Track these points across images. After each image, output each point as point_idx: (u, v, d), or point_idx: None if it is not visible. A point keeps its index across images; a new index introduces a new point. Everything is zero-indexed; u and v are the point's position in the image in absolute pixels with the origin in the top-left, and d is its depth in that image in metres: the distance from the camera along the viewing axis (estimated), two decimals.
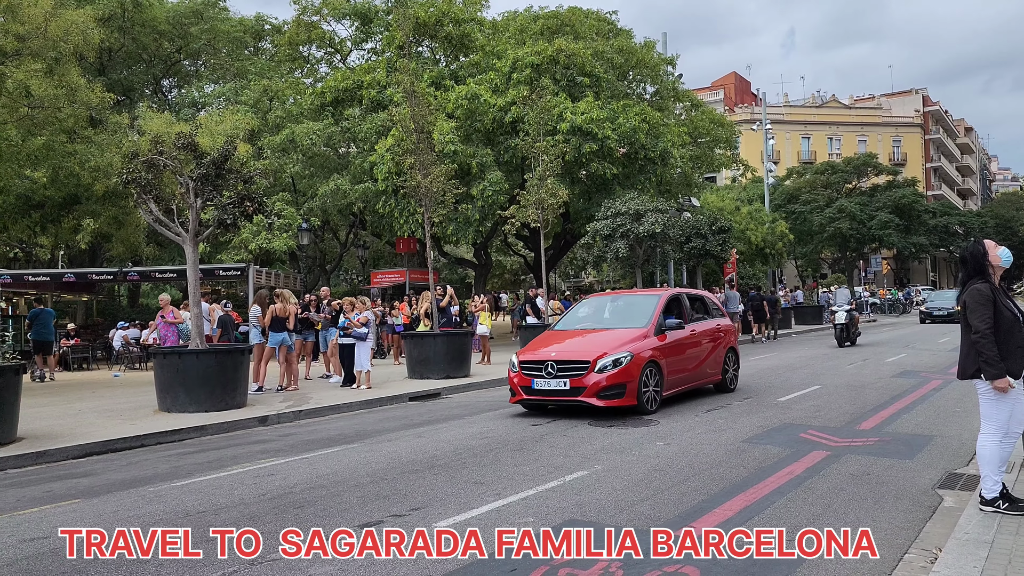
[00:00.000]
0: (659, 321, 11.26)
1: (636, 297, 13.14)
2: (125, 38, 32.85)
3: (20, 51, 16.17)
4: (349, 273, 44.41)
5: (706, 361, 12.14)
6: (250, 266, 24.75)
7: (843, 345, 21.59)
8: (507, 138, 24.15)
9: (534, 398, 10.75)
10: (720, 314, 13.49)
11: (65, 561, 5.01)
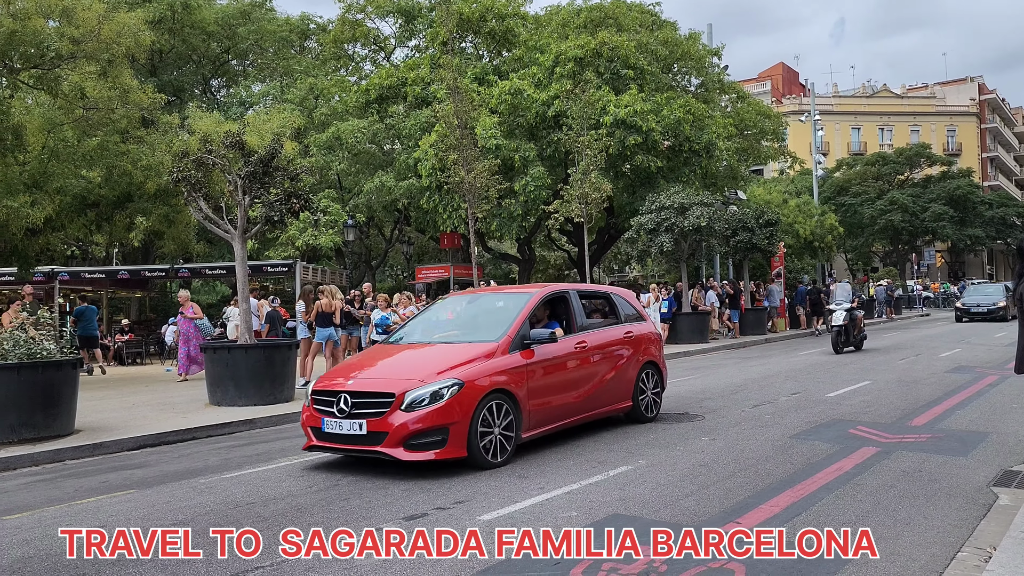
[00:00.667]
0: (521, 331, 7.91)
1: (499, 297, 9.65)
2: (175, 40, 33.55)
3: (75, 54, 16.60)
4: (394, 269, 44.78)
5: (605, 383, 8.81)
6: (297, 262, 25.12)
7: (840, 351, 18.13)
8: (550, 132, 24.09)
9: (325, 444, 7.45)
10: (635, 317, 9.95)
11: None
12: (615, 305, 9.85)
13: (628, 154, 23.44)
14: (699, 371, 15.75)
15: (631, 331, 9.54)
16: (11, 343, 9.63)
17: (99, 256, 35.71)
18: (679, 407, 10.69)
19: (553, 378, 8.15)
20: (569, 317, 8.91)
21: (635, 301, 10.47)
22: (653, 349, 9.92)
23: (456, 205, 23.18)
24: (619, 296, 10.16)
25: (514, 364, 7.69)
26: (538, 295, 8.74)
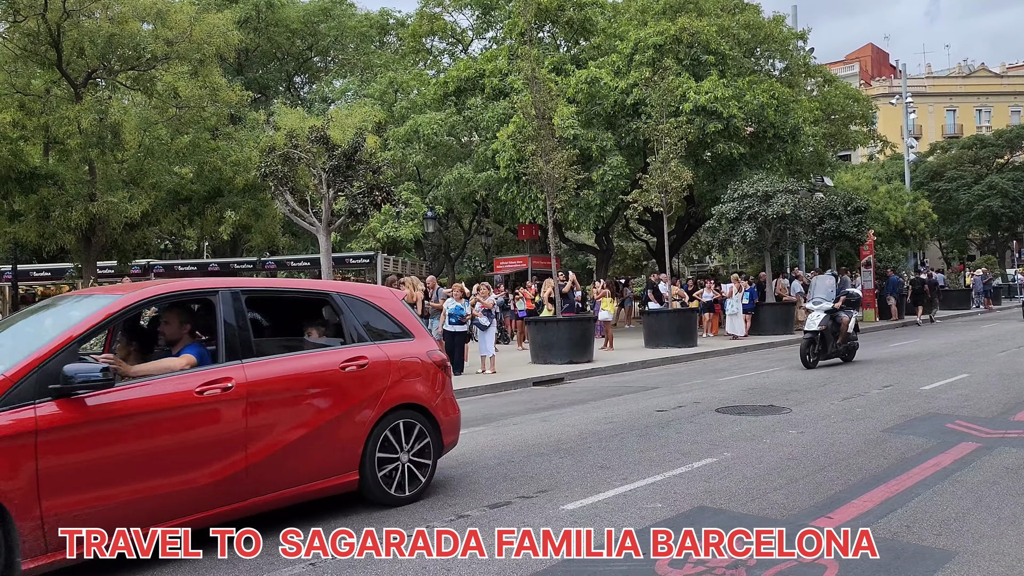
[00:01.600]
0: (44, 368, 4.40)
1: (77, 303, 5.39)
2: (260, 38, 34.54)
3: (168, 55, 17.28)
4: (472, 260, 45.17)
5: (284, 448, 5.30)
6: (378, 254, 25.61)
7: (811, 364, 13.78)
8: (628, 121, 23.82)
9: None
10: (388, 335, 6.26)
11: None
12: (342, 314, 6.08)
13: (709, 141, 22.99)
14: (784, 363, 15.37)
15: (364, 357, 5.87)
16: None
17: (190, 250, 37.15)
18: (764, 400, 10.46)
19: (121, 449, 4.59)
20: (221, 336, 5.32)
21: (399, 308, 6.57)
22: (418, 386, 6.16)
23: (534, 196, 23.17)
24: (355, 299, 6.25)
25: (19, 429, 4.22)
26: (118, 303, 4.94)
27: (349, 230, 24.49)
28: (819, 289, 14.68)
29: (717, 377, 13.34)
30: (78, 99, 17.18)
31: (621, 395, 11.54)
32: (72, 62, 17.48)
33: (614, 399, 11.21)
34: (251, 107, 22.08)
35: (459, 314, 14.62)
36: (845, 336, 14.30)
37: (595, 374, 14.94)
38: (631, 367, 15.67)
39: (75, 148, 17.36)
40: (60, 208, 16.81)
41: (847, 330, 14.26)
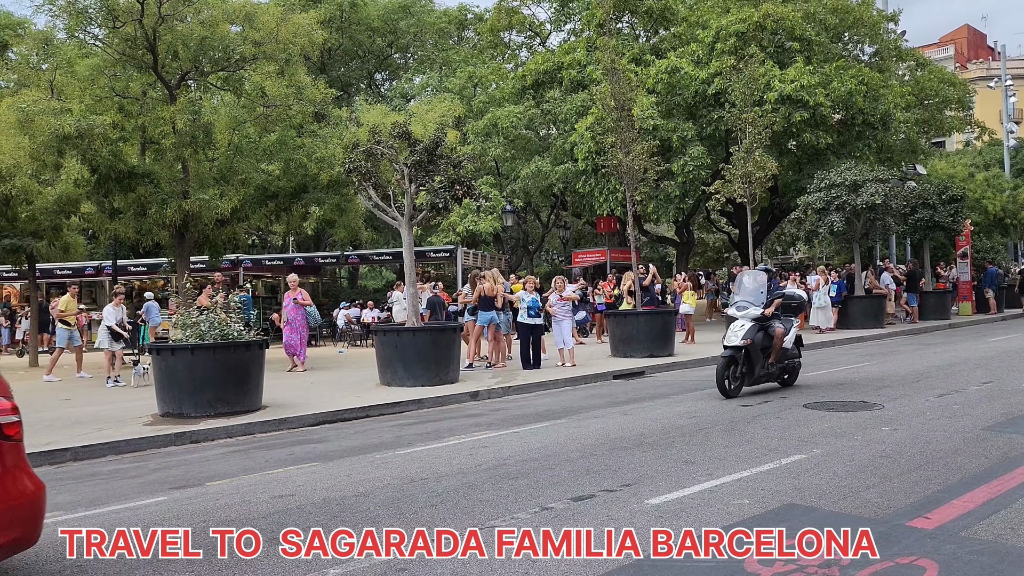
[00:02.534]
0: None
1: None
2: (343, 37, 35.24)
3: (256, 55, 17.77)
4: (550, 254, 45.13)
5: None
6: (458, 248, 25.84)
7: (732, 393, 10.28)
8: (710, 111, 23.37)
9: None
10: None
11: (309, 516, 5.51)
12: None
13: (794, 131, 22.36)
14: (875, 357, 14.87)
15: None
16: (207, 325, 10.50)
17: (277, 244, 38.24)
18: (854, 395, 10.15)
19: None
20: None
21: None
22: None
23: (613, 188, 23.00)
24: None
25: None
26: None
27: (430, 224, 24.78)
28: (744, 290, 10.98)
29: (804, 372, 12.96)
30: (172, 100, 17.85)
31: (704, 389, 11.37)
32: (167, 65, 18.16)
33: (697, 393, 11.05)
34: (334, 104, 22.53)
35: (536, 306, 14.64)
36: (780, 353, 10.68)
37: (676, 368, 14.75)
38: (714, 361, 15.29)
39: (169, 148, 18.03)
40: (156, 205, 17.48)
41: (783, 344, 10.61)
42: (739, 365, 10.36)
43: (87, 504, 6.22)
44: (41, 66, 19.79)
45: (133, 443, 8.70)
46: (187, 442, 8.99)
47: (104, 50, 18.47)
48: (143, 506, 6.05)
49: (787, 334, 10.74)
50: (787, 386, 11.10)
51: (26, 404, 11.81)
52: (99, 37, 18.52)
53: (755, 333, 10.34)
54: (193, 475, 7.17)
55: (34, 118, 16.26)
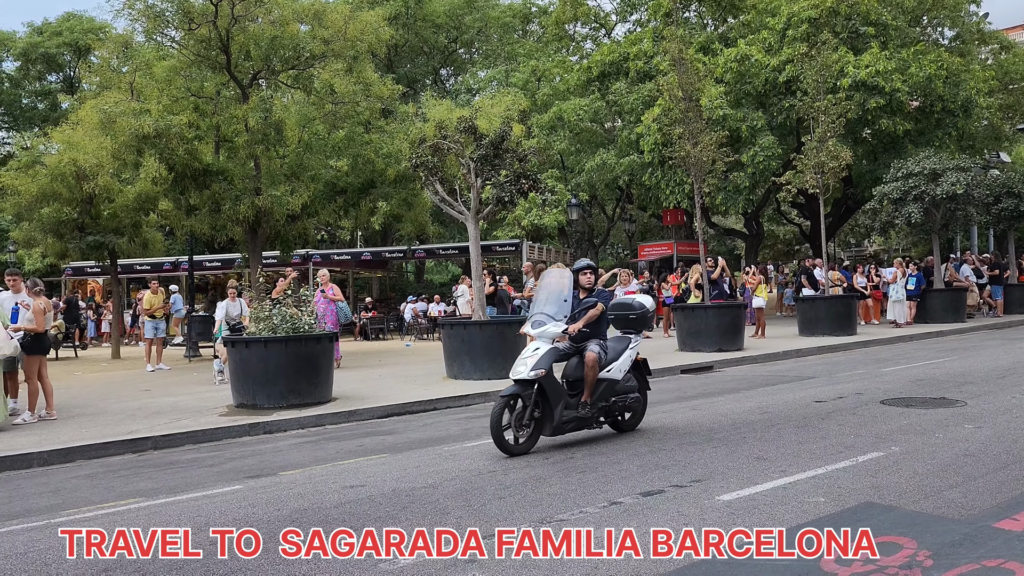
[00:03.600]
0: None
1: None
2: (408, 33, 35.59)
3: (325, 53, 18.08)
4: (615, 247, 44.83)
5: None
6: (523, 242, 25.87)
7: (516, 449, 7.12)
8: (781, 99, 22.85)
9: None
10: None
11: (379, 507, 5.58)
12: None
13: (869, 118, 21.70)
14: (955, 352, 14.32)
15: None
16: (279, 318, 10.74)
17: (344, 239, 38.90)
18: (934, 391, 9.78)
19: None
20: None
21: None
22: None
23: (680, 180, 22.69)
24: None
25: None
26: None
27: (496, 218, 24.87)
28: (543, 299, 7.69)
29: (880, 367, 12.61)
30: (245, 99, 18.30)
31: (775, 384, 11.13)
32: (239, 65, 18.62)
33: (768, 388, 10.82)
34: (401, 101, 22.78)
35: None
36: (606, 387, 7.58)
37: (746, 363, 14.48)
38: (784, 356, 15.09)
39: (242, 146, 18.50)
40: (229, 202, 17.96)
41: (597, 375, 7.43)
42: (528, 407, 7.10)
43: (167, 491, 6.43)
44: (121, 69, 20.52)
45: (210, 433, 8.96)
46: (261, 432, 9.22)
47: (180, 52, 19.05)
48: (220, 494, 6.21)
49: (613, 360, 7.64)
50: (624, 431, 7.97)
51: (110, 394, 12.30)
52: (175, 39, 19.11)
53: (551, 360, 7.27)
54: (267, 465, 7.35)
55: (115, 119, 16.89)
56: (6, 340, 9.37)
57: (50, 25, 40.77)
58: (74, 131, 19.55)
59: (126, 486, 6.77)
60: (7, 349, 9.35)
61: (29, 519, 5.75)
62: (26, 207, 19.25)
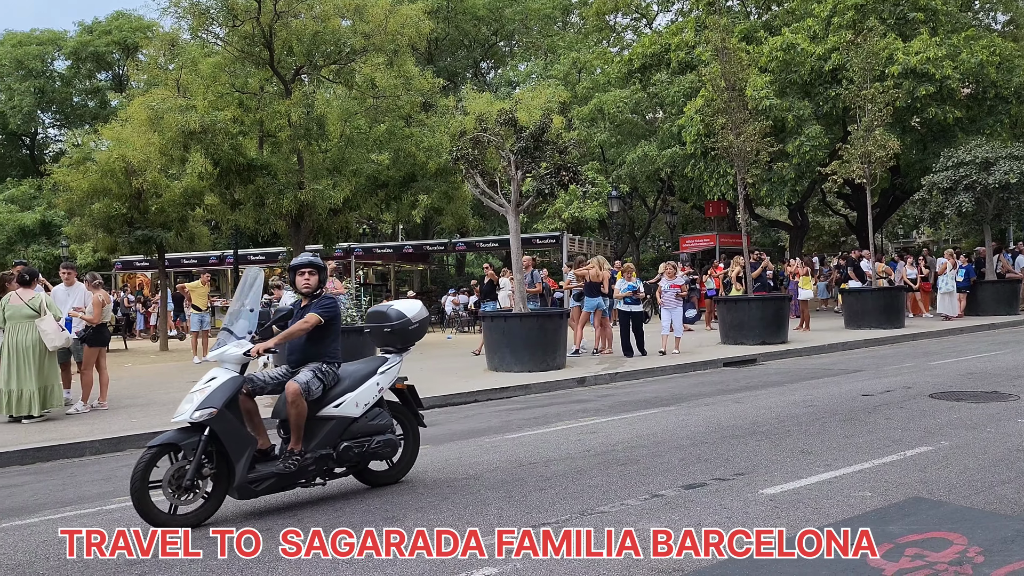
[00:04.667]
0: None
1: None
2: (449, 27, 35.66)
3: (366, 48, 18.22)
4: (656, 240, 44.49)
5: None
6: (563, 234, 25.80)
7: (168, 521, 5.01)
8: (827, 88, 22.42)
9: None
10: None
11: (421, 498, 5.62)
12: None
13: (919, 106, 21.20)
14: (1008, 346, 13.95)
15: None
16: None
17: (386, 233, 39.19)
18: (986, 385, 9.54)
19: None
20: None
21: None
22: None
23: (723, 171, 22.43)
24: None
25: None
26: None
27: (536, 211, 24.84)
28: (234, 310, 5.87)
29: (928, 360, 12.34)
30: (288, 95, 18.53)
31: (820, 378, 10.96)
32: (282, 60, 18.86)
33: (813, 382, 10.66)
34: (441, 94, 22.87)
35: (632, 290, 14.29)
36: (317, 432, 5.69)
37: (790, 356, 14.27)
38: (830, 349, 14.84)
39: (285, 140, 18.75)
40: (273, 196, 18.21)
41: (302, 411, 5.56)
42: (194, 463, 5.12)
43: None
44: (168, 66, 20.92)
45: None
46: None
47: (225, 48, 19.36)
48: None
49: (348, 390, 5.83)
50: (380, 485, 6.07)
51: (158, 386, 12.56)
52: (220, 36, 19.43)
53: (229, 394, 5.35)
54: None
55: (163, 115, 17.23)
56: (58, 332, 9.62)
57: (100, 24, 41.66)
58: (123, 128, 19.98)
59: None
60: (59, 340, 9.60)
61: (83, 506, 5.91)
62: (78, 203, 19.72)
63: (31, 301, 9.57)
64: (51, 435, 8.50)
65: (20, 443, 8.11)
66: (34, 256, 32.08)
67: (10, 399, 9.41)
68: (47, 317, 9.58)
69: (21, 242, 33.88)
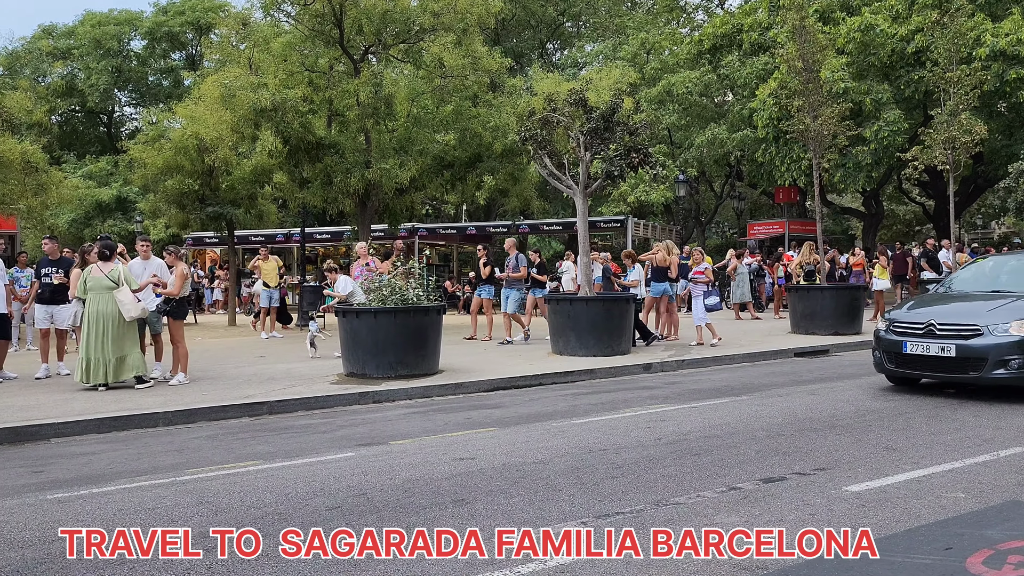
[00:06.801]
0: None
1: None
2: (516, 7, 35.37)
3: (435, 26, 18.13)
4: (721, 226, 43.66)
5: None
6: (628, 218, 25.44)
7: None
8: (908, 71, 21.55)
9: None
10: None
11: (491, 481, 5.54)
12: None
13: (1008, 90, 20.22)
14: None
15: None
16: (388, 290, 10.87)
17: (449, 214, 39.27)
18: None
19: None
20: None
21: None
22: None
23: (796, 156, 21.81)
24: None
25: None
26: None
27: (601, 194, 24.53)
28: None
29: None
30: (357, 74, 18.58)
31: None
32: (351, 39, 18.90)
33: None
34: (508, 75, 22.68)
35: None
36: None
37: (865, 347, 13.72)
38: None
39: (353, 119, 18.81)
40: (340, 175, 18.30)
41: None
42: None
43: (283, 455, 6.58)
44: (240, 45, 21.17)
45: (322, 400, 9.15)
46: (370, 401, 9.36)
47: (295, 27, 19.48)
48: (333, 461, 6.31)
49: None
50: None
51: (227, 360, 12.77)
52: (291, 15, 19.56)
53: None
54: (377, 433, 7.43)
55: (235, 93, 17.45)
56: (135, 303, 9.85)
57: (174, 5, 42.53)
58: (196, 106, 20.32)
59: (244, 448, 6.97)
60: (135, 311, 9.84)
61: (156, 476, 5.99)
62: (152, 179, 20.15)
63: (110, 273, 9.85)
64: (126, 405, 8.68)
65: (97, 412, 8.30)
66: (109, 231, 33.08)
67: (88, 366, 9.69)
68: (124, 288, 9.83)
69: (98, 217, 34.95)
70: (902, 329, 8.77)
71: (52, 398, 9.26)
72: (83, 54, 41.87)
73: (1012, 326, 8.01)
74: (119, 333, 9.78)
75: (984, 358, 7.99)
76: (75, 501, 5.35)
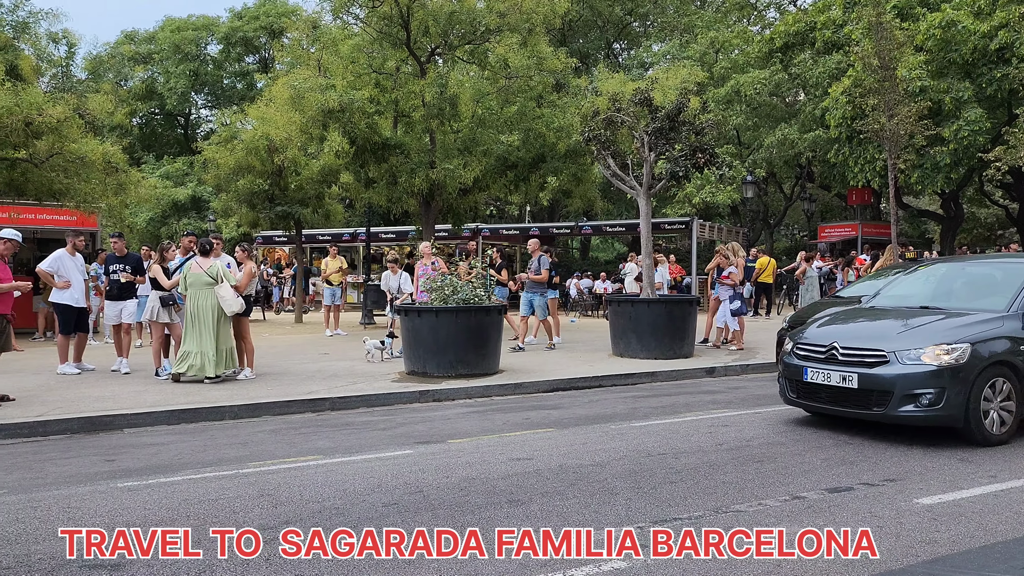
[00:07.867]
0: None
1: None
2: (582, 7, 35.22)
3: (500, 27, 18.15)
4: (790, 228, 42.67)
5: None
6: (693, 220, 25.05)
7: None
8: (991, 69, 20.67)
9: None
10: None
11: (547, 482, 5.49)
12: None
13: None
14: None
15: None
16: (450, 289, 10.92)
17: (512, 214, 39.34)
18: None
19: None
20: None
21: None
22: None
23: (870, 157, 21.16)
24: None
25: None
26: None
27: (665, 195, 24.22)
28: None
29: None
30: (422, 75, 18.74)
31: None
32: (418, 41, 19.07)
33: None
34: (573, 75, 22.56)
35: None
36: None
37: None
38: None
39: (418, 120, 18.96)
40: (405, 175, 18.48)
41: None
42: None
43: (343, 451, 6.65)
44: (310, 48, 21.56)
45: (382, 397, 9.24)
46: (430, 400, 9.41)
47: (363, 30, 19.75)
48: (392, 457, 6.35)
49: None
50: None
51: (292, 356, 13.00)
52: (360, 17, 19.83)
53: None
54: (436, 432, 7.46)
55: (304, 95, 17.78)
56: (235, 298, 10.20)
57: (249, 10, 43.72)
58: (267, 107, 20.78)
59: (306, 443, 7.08)
60: (236, 306, 10.20)
61: (221, 468, 6.12)
62: (224, 179, 20.69)
63: (209, 269, 10.22)
64: (195, 398, 8.91)
65: (168, 404, 8.54)
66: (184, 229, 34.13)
67: (190, 360, 10.02)
68: (224, 284, 10.16)
69: (174, 216, 36.13)
70: (804, 353, 7.27)
71: (127, 389, 9.57)
72: (163, 58, 43.36)
73: (926, 352, 6.43)
74: (218, 327, 10.13)
75: (889, 391, 6.45)
76: (143, 490, 5.50)
